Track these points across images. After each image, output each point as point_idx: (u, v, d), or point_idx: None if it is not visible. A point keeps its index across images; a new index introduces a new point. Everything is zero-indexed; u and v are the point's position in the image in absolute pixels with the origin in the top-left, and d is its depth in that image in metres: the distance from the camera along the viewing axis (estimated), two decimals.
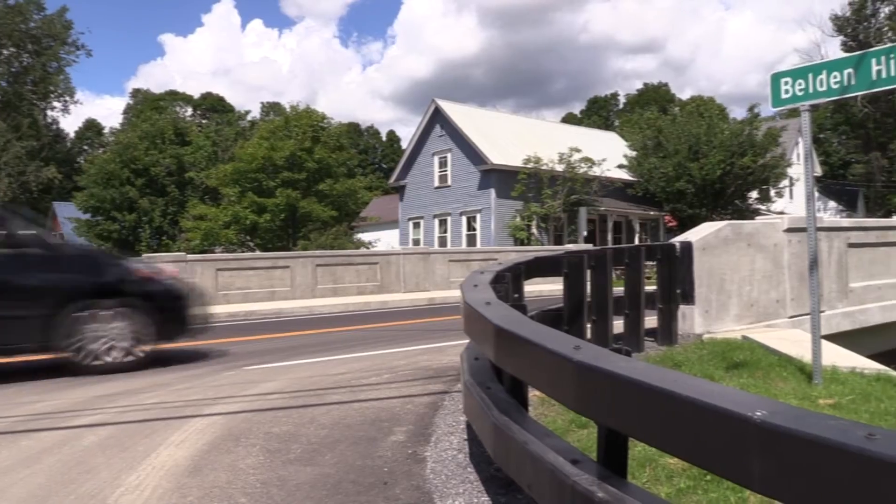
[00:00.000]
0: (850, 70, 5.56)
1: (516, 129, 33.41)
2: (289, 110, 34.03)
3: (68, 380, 6.50)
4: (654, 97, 66.66)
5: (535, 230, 29.51)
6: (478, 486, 3.34)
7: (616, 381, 1.84)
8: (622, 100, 78.25)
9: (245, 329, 11.14)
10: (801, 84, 5.84)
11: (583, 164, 28.62)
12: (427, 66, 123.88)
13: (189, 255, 16.57)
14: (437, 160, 32.36)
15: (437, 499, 3.21)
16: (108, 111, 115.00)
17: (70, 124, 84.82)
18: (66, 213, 40.44)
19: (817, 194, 32.79)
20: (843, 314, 9.27)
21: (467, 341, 4.16)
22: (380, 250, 24.45)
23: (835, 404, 5.04)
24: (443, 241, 31.61)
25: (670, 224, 32.49)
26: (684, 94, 76.30)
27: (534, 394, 4.07)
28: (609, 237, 31.26)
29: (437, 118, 32.15)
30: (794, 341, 7.04)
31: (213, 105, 64.97)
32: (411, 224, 34.07)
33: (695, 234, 7.84)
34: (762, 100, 42.77)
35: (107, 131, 62.20)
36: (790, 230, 8.42)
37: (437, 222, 32.49)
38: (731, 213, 30.44)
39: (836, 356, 6.54)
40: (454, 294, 10.46)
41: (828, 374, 5.90)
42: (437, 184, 32.35)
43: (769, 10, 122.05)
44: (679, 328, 7.40)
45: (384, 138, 78.96)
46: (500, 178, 29.33)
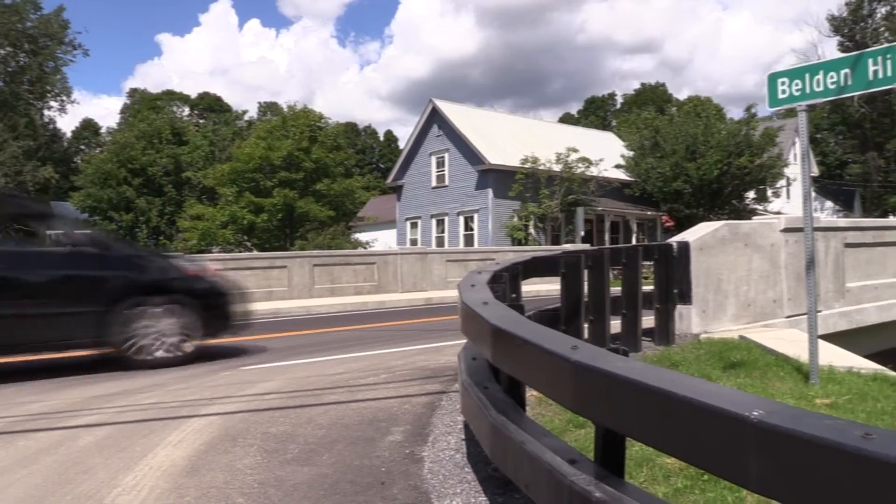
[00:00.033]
0: (847, 70, 5.57)
1: (514, 129, 33.42)
2: (286, 110, 34.10)
3: (67, 380, 6.49)
4: (652, 97, 66.74)
5: (532, 230, 29.52)
6: (475, 486, 3.34)
7: (613, 381, 1.84)
8: (619, 100, 78.40)
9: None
10: (797, 84, 5.86)
11: (580, 164, 28.61)
12: (424, 65, 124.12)
13: (186, 256, 16.54)
14: (434, 160, 32.35)
15: (435, 499, 3.21)
16: (105, 111, 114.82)
17: (67, 124, 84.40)
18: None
19: (814, 194, 32.69)
20: (840, 314, 9.29)
21: (465, 341, 4.16)
22: (377, 250, 24.44)
23: (831, 404, 5.05)
24: (440, 241, 31.60)
25: (667, 224, 32.51)
26: (682, 95, 76.62)
27: (531, 394, 4.07)
28: (606, 237, 31.31)
29: (435, 118, 32.14)
30: (790, 341, 7.06)
31: (210, 105, 64.83)
32: (409, 224, 34.04)
33: (692, 234, 7.85)
34: (759, 100, 42.80)
35: (104, 131, 62.03)
36: (787, 230, 8.43)
37: (434, 222, 32.48)
38: (728, 213, 30.47)
39: (833, 356, 6.56)
40: (451, 294, 10.46)
41: (825, 374, 5.92)
42: (434, 184, 32.35)
43: (766, 11, 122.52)
44: (676, 328, 7.42)
45: (381, 138, 78.98)
46: (498, 178, 29.33)
